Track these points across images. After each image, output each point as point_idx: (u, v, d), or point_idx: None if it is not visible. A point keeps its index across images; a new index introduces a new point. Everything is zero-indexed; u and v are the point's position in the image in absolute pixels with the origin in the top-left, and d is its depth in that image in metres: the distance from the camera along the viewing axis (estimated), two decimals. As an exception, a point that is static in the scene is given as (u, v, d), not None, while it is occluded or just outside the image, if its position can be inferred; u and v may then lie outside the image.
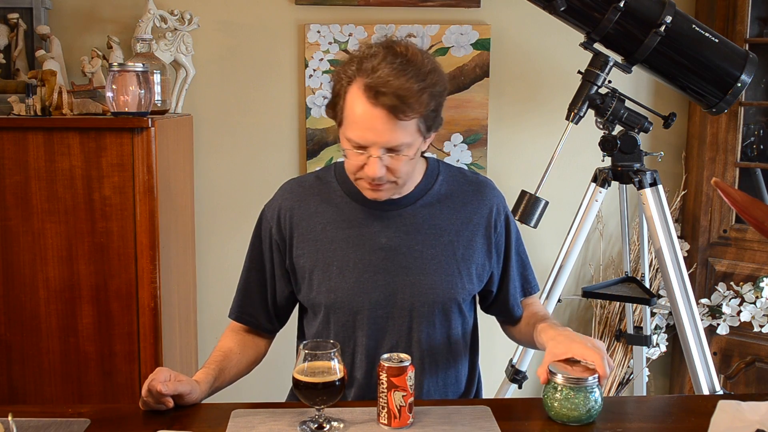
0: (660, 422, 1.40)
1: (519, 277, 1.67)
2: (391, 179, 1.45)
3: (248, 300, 1.62)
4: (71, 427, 1.30)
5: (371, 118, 1.38)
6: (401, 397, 1.31)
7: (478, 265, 1.58)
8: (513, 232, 1.64)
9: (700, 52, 2.05)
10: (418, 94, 1.37)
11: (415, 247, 1.52)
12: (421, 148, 1.48)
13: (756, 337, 2.57)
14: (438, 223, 1.55)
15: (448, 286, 1.53)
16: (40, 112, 2.17)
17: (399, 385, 1.31)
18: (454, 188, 1.59)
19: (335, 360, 1.30)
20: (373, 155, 1.41)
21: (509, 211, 1.66)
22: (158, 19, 2.51)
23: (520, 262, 1.67)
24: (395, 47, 1.40)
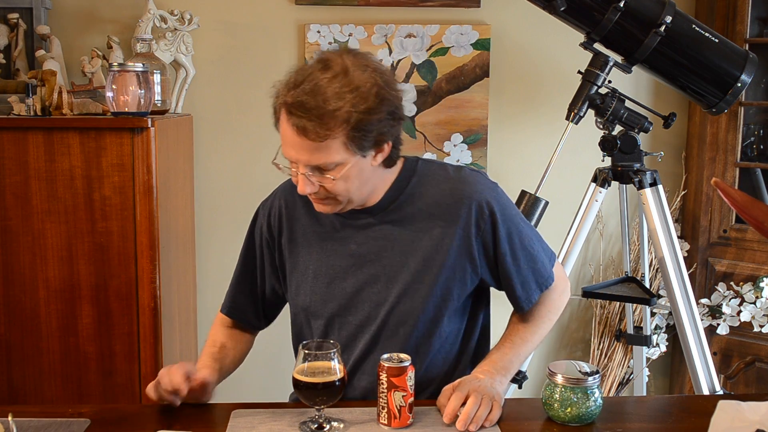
0: (660, 422, 1.40)
1: (523, 274, 1.55)
2: (329, 196, 1.41)
3: (240, 295, 1.63)
4: (71, 427, 1.30)
5: (290, 135, 1.36)
6: (401, 397, 1.31)
7: (456, 271, 1.50)
8: (502, 229, 1.50)
9: (700, 52, 2.05)
10: (331, 115, 1.31)
11: (384, 255, 1.49)
12: (363, 166, 1.40)
13: (756, 337, 2.57)
14: (410, 227, 1.49)
15: (414, 298, 1.48)
16: (40, 112, 2.18)
17: (399, 385, 1.31)
18: (430, 190, 1.51)
19: (335, 360, 1.30)
20: (300, 171, 1.39)
21: (500, 205, 1.51)
22: (158, 19, 2.51)
23: (524, 258, 1.54)
24: (330, 62, 1.35)
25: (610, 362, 2.80)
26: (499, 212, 1.50)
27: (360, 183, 1.42)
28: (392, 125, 1.40)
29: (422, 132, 2.75)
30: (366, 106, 1.34)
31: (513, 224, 1.53)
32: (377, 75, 1.37)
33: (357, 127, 1.34)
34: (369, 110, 1.34)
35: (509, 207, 1.54)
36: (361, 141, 1.36)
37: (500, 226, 1.50)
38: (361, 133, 1.35)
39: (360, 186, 1.43)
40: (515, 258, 1.53)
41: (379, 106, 1.36)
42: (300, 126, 1.33)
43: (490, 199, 1.51)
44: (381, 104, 1.36)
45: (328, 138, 1.33)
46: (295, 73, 1.37)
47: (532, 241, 1.56)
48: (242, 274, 1.63)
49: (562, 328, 2.94)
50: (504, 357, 1.51)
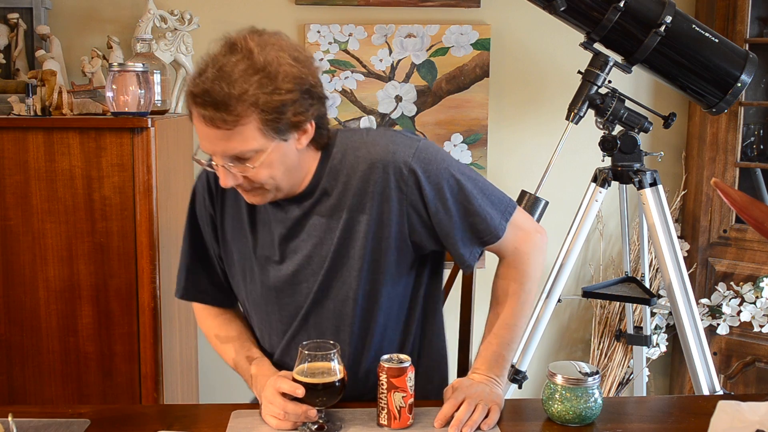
0: (660, 422, 1.40)
1: (461, 230, 1.44)
2: (255, 186, 1.35)
3: (192, 276, 1.58)
4: (71, 427, 1.30)
5: (201, 127, 1.29)
6: (401, 398, 1.31)
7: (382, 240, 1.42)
8: (427, 188, 1.40)
9: (700, 52, 2.05)
10: (238, 99, 1.25)
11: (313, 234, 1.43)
12: (285, 151, 1.33)
13: (756, 337, 2.57)
14: (332, 203, 1.42)
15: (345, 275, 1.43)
16: (40, 112, 2.17)
17: (399, 386, 1.31)
18: (349, 160, 1.42)
19: (335, 361, 1.30)
20: (218, 164, 1.33)
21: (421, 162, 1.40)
22: (158, 19, 2.51)
23: (458, 212, 1.44)
24: (236, 45, 1.28)
25: (610, 362, 2.80)
26: (421, 171, 1.40)
27: (285, 168, 1.35)
28: (310, 104, 1.33)
29: (422, 132, 2.75)
30: (274, 86, 1.27)
31: (442, 179, 1.42)
32: (285, 53, 1.30)
33: (268, 110, 1.27)
34: (278, 90, 1.27)
35: (434, 161, 1.42)
36: (276, 124, 1.29)
37: (424, 185, 1.41)
38: (274, 116, 1.28)
39: (286, 172, 1.36)
40: (448, 214, 1.43)
41: (290, 85, 1.28)
42: (207, 116, 1.26)
43: (408, 158, 1.40)
44: (292, 83, 1.29)
45: (239, 124, 1.26)
46: (202, 61, 1.30)
47: (470, 193, 1.44)
48: (192, 255, 1.57)
49: (562, 328, 2.94)
50: (493, 352, 1.47)
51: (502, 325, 1.49)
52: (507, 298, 1.51)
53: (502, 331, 1.49)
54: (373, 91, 2.72)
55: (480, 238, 1.46)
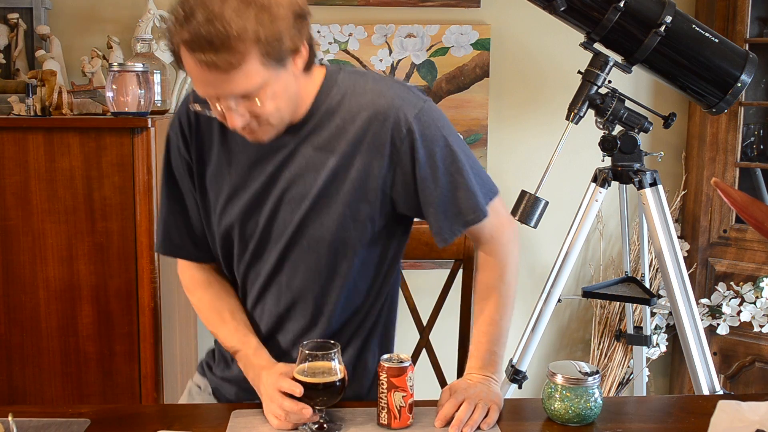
0: (660, 422, 1.40)
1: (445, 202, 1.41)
2: (262, 123, 1.32)
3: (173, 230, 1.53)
4: (71, 427, 1.30)
5: (200, 73, 1.24)
6: (401, 397, 1.31)
7: (367, 192, 1.40)
8: (421, 150, 1.38)
9: (700, 52, 2.05)
10: (239, 38, 1.20)
11: (300, 173, 1.40)
12: (287, 79, 1.30)
13: (756, 337, 2.57)
14: (325, 144, 1.39)
15: (323, 218, 1.40)
16: (40, 112, 2.18)
17: (399, 385, 1.31)
18: (349, 104, 1.39)
19: (335, 360, 1.30)
20: (224, 106, 1.29)
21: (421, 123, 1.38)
22: (158, 19, 2.51)
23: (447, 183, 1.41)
24: None
25: (610, 362, 2.80)
26: (419, 131, 1.37)
27: (288, 97, 1.33)
28: (301, 25, 1.29)
29: (422, 132, 2.75)
30: (270, 16, 1.23)
31: (437, 145, 1.39)
32: None
33: (268, 42, 1.23)
34: (275, 19, 1.23)
35: (433, 126, 1.39)
36: (277, 54, 1.25)
37: (419, 146, 1.37)
38: (275, 46, 1.24)
39: (289, 101, 1.33)
40: (436, 183, 1.40)
41: (283, 11, 1.25)
42: (208, 61, 1.21)
43: (409, 115, 1.38)
44: (285, 9, 1.25)
45: (243, 63, 1.22)
46: (181, 6, 1.23)
47: (462, 166, 1.41)
48: (169, 208, 1.53)
49: (562, 328, 2.94)
50: (485, 351, 1.47)
51: (489, 321, 1.49)
52: (490, 293, 1.50)
53: (490, 328, 1.49)
54: (373, 91, 2.72)
55: (464, 215, 1.42)
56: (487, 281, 1.51)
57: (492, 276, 1.50)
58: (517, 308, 3.00)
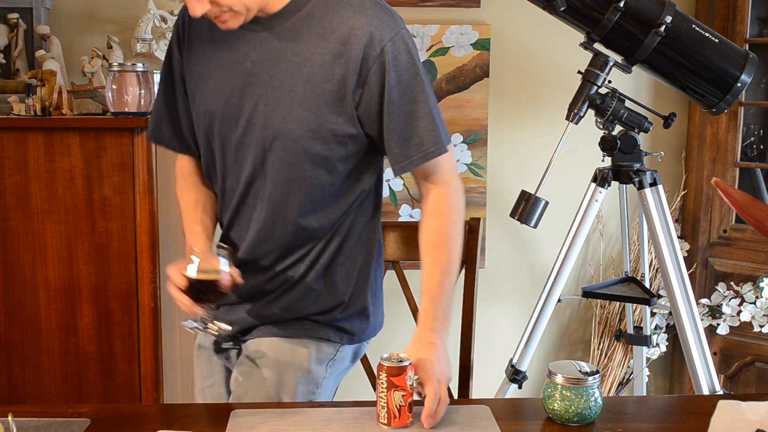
0: (660, 422, 1.40)
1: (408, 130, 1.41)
2: (224, 9, 1.31)
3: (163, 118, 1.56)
4: (71, 427, 1.30)
5: None
6: (401, 396, 1.31)
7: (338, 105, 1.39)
8: (392, 74, 1.37)
9: (700, 52, 2.05)
10: None
11: (276, 76, 1.39)
12: None
13: (756, 337, 2.57)
14: (303, 50, 1.38)
15: (303, 123, 1.39)
16: (40, 112, 2.18)
17: (399, 384, 1.31)
18: (329, 14, 1.38)
19: (223, 259, 1.35)
20: None
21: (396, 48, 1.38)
22: (158, 19, 2.51)
23: (411, 112, 1.40)
24: None
25: (610, 362, 2.80)
26: (392, 55, 1.37)
27: None
28: None
29: (422, 132, 2.75)
30: None
31: (407, 73, 1.39)
32: None
33: None
34: None
35: (407, 53, 1.39)
36: None
37: (390, 69, 1.37)
38: None
39: None
40: (402, 108, 1.40)
41: None
42: None
43: (385, 37, 1.37)
44: None
45: None
46: None
47: (428, 99, 1.41)
48: (162, 99, 1.56)
49: (562, 328, 2.94)
50: (440, 304, 1.44)
51: (443, 271, 1.46)
52: (443, 240, 1.47)
53: (444, 278, 1.46)
54: (373, 91, 2.72)
55: (425, 146, 1.41)
56: (440, 228, 1.47)
57: (446, 222, 1.48)
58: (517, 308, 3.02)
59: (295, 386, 1.49)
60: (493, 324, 2.88)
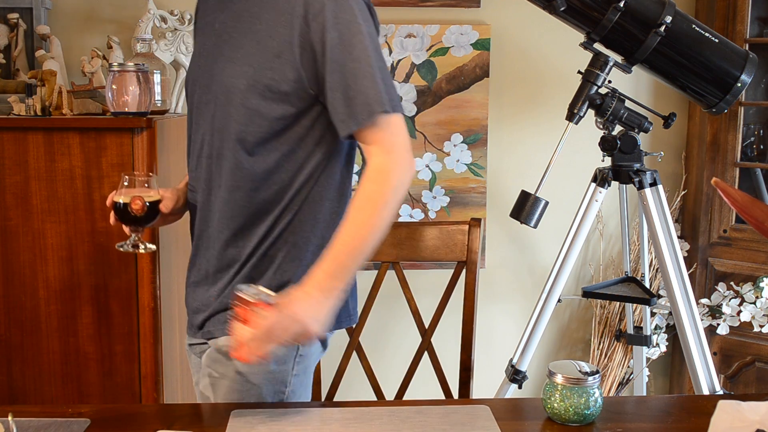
0: (660, 422, 1.40)
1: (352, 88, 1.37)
2: None
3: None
4: (71, 427, 1.30)
5: None
6: (246, 330, 1.29)
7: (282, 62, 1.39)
8: (332, 33, 1.35)
9: (700, 52, 2.05)
10: None
11: (233, 35, 1.44)
12: None
13: (756, 337, 2.57)
14: (254, 8, 1.42)
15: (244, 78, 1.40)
16: (40, 112, 2.18)
17: (246, 318, 1.28)
18: None
19: (148, 185, 1.48)
20: None
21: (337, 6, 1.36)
22: (158, 19, 2.51)
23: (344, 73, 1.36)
24: None
25: (610, 362, 2.80)
26: (333, 12, 1.36)
27: None
28: None
29: (422, 132, 2.75)
30: None
31: (348, 32, 1.36)
32: None
33: None
34: None
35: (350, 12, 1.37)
36: None
37: (329, 27, 1.35)
38: None
39: None
40: (343, 67, 1.36)
41: None
42: None
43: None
44: None
45: None
46: None
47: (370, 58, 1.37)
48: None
49: (562, 328, 2.94)
50: (322, 268, 1.35)
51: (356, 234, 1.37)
52: (369, 206, 1.37)
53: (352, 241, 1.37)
54: (373, 91, 2.72)
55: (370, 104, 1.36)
56: (370, 194, 1.38)
57: (379, 191, 1.38)
58: (517, 308, 3.02)
59: (261, 389, 1.46)
60: (493, 324, 2.88)
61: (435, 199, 2.79)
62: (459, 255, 1.86)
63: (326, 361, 1.97)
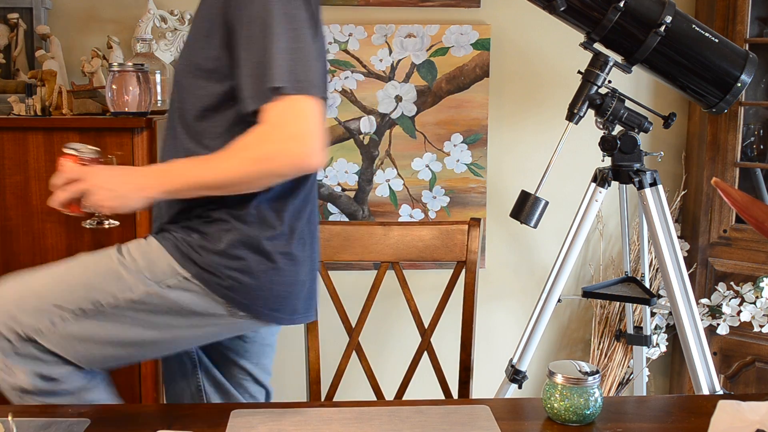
0: (660, 422, 1.40)
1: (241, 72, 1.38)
2: None
3: None
4: (71, 427, 1.30)
5: None
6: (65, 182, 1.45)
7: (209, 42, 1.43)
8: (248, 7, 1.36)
9: (700, 52, 2.05)
10: None
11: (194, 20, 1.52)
12: None
13: (756, 337, 2.57)
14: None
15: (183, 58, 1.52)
16: (40, 112, 2.18)
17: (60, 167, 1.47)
18: None
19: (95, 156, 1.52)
20: None
21: None
22: (158, 19, 2.51)
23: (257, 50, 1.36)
24: None
25: (610, 362, 2.80)
26: None
27: None
28: None
29: (422, 132, 2.75)
30: None
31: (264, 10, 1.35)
32: None
33: None
34: None
35: None
36: None
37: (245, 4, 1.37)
38: None
39: None
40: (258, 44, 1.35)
41: None
42: None
43: None
44: None
45: None
46: None
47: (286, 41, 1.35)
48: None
49: (562, 328, 2.94)
50: (158, 165, 1.48)
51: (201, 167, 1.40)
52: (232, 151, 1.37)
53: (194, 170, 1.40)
54: (373, 91, 2.72)
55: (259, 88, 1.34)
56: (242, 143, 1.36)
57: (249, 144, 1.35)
58: (517, 308, 3.02)
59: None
60: (493, 324, 2.88)
61: (435, 199, 2.79)
62: (458, 255, 1.86)
63: (326, 361, 1.97)
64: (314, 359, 1.82)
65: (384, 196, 2.78)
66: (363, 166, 2.75)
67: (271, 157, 1.35)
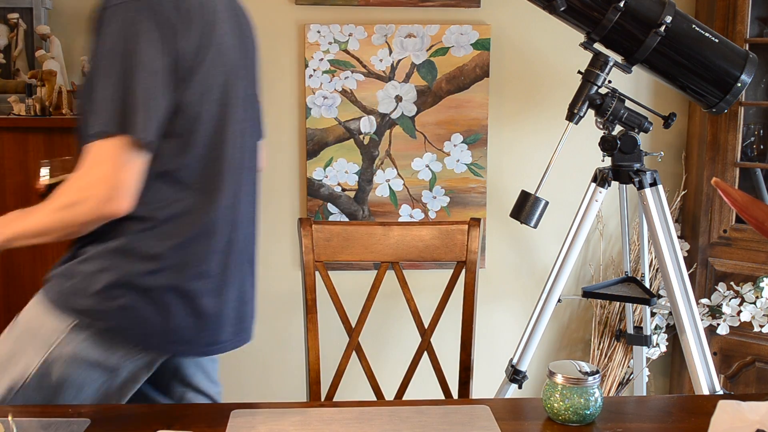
0: (660, 422, 1.40)
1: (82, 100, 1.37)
2: None
3: None
4: (71, 427, 1.30)
5: None
6: None
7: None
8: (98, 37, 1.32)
9: (700, 52, 2.05)
10: None
11: None
12: None
13: (756, 337, 2.57)
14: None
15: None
16: (40, 112, 2.18)
17: None
18: None
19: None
20: None
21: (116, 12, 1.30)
22: (158, 19, 2.51)
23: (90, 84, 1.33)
24: None
25: (610, 362, 2.80)
26: (107, 20, 1.30)
27: None
28: None
29: (422, 132, 2.75)
30: None
31: (111, 42, 1.29)
32: None
33: None
34: None
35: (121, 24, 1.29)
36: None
37: (99, 37, 1.31)
38: None
39: None
40: (93, 77, 1.31)
41: None
42: None
43: (112, 1, 1.30)
44: None
45: None
46: None
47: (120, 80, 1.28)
48: None
49: (562, 328, 2.94)
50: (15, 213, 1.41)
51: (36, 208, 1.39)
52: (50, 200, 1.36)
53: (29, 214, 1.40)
54: (373, 91, 2.72)
55: (84, 126, 1.31)
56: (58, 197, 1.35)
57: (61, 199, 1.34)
58: (517, 308, 3.01)
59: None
60: (493, 324, 2.88)
61: (435, 199, 2.79)
62: (458, 255, 1.86)
63: (326, 361, 1.97)
64: (314, 359, 1.82)
65: (384, 196, 2.78)
66: (363, 166, 2.75)
67: (69, 204, 1.33)
